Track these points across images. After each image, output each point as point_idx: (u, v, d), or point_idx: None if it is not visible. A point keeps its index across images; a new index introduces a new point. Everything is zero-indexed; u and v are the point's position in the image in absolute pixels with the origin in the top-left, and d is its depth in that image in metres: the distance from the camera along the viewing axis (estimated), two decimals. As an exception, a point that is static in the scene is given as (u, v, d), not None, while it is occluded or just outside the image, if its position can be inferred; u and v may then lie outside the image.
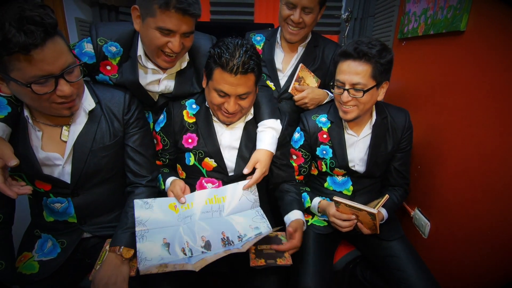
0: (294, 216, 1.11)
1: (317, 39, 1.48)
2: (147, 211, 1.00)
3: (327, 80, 1.49)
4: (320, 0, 1.31)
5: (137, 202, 1.00)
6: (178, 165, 1.24)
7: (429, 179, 1.38)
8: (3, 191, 0.77)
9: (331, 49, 1.47)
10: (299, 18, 1.30)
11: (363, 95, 1.10)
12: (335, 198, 1.08)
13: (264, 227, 1.04)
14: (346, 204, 1.06)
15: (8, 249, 0.93)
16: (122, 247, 0.93)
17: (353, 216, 1.10)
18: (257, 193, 1.10)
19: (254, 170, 1.10)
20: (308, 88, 1.37)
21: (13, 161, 0.78)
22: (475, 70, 1.12)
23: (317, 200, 1.27)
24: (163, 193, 1.15)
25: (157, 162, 1.22)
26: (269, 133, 1.14)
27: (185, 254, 0.94)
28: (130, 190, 1.07)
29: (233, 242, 0.99)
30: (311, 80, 1.40)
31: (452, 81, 1.25)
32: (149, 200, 1.03)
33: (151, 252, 0.92)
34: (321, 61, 1.45)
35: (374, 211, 1.02)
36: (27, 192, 0.80)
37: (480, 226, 1.08)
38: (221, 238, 1.00)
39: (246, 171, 1.09)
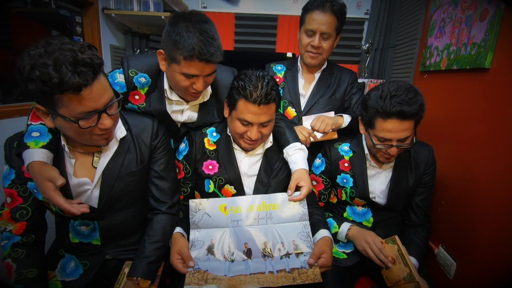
0: (320, 235, 1.08)
1: (332, 68, 1.57)
2: (199, 212, 1.09)
3: (341, 106, 1.54)
4: (337, 27, 1.41)
5: (192, 202, 1.10)
6: (196, 192, 1.26)
7: (455, 216, 1.33)
8: (68, 209, 0.82)
9: (346, 76, 1.56)
10: (318, 42, 1.41)
11: (410, 145, 1.12)
12: (396, 236, 1.09)
13: (308, 246, 1.03)
14: (399, 249, 1.07)
15: (40, 259, 0.97)
16: (139, 278, 0.96)
17: (391, 258, 1.09)
18: (306, 206, 1.10)
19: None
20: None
21: (60, 180, 0.83)
22: (501, 107, 1.11)
23: (346, 225, 1.24)
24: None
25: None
26: (300, 154, 1.17)
27: (227, 259, 1.02)
28: (150, 218, 1.09)
29: (273, 256, 1.03)
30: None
31: (478, 116, 1.23)
32: (203, 200, 1.11)
33: (200, 254, 1.02)
34: (336, 87, 1.54)
35: (420, 280, 1.02)
36: (86, 210, 0.86)
37: (510, 269, 1.02)
38: (263, 249, 1.04)
39: (290, 192, 1.10)
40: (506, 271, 1.05)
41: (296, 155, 1.17)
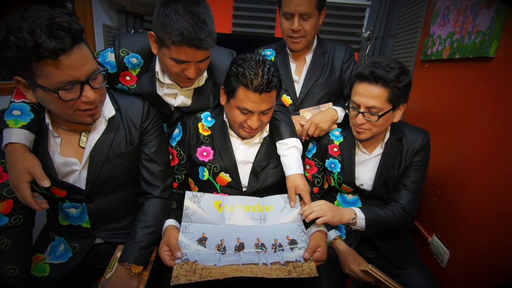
0: (314, 228, 1.07)
1: (324, 45, 1.45)
2: (194, 205, 1.06)
3: (339, 88, 1.47)
4: (318, 3, 1.28)
5: (188, 194, 1.07)
6: (190, 179, 1.22)
7: (449, 206, 1.33)
8: (31, 205, 0.79)
9: (341, 52, 1.44)
10: (298, 26, 1.28)
11: (378, 119, 1.08)
12: (371, 268, 1.00)
13: (302, 240, 1.01)
14: (380, 279, 1.00)
15: (25, 253, 0.89)
16: (131, 264, 0.93)
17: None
18: (300, 207, 1.10)
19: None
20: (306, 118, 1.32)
21: (46, 182, 0.79)
22: (503, 97, 1.09)
23: (331, 235, 1.22)
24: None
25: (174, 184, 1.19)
26: (293, 155, 1.13)
27: (219, 250, 0.97)
28: (141, 202, 1.06)
29: (266, 249, 0.99)
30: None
31: (478, 107, 1.22)
32: (198, 193, 1.08)
33: (190, 243, 0.97)
34: (330, 67, 1.44)
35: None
36: (46, 207, 0.82)
37: (504, 259, 1.03)
38: (255, 243, 1.01)
39: (292, 204, 1.09)
40: (498, 260, 1.06)
41: (288, 157, 1.13)
